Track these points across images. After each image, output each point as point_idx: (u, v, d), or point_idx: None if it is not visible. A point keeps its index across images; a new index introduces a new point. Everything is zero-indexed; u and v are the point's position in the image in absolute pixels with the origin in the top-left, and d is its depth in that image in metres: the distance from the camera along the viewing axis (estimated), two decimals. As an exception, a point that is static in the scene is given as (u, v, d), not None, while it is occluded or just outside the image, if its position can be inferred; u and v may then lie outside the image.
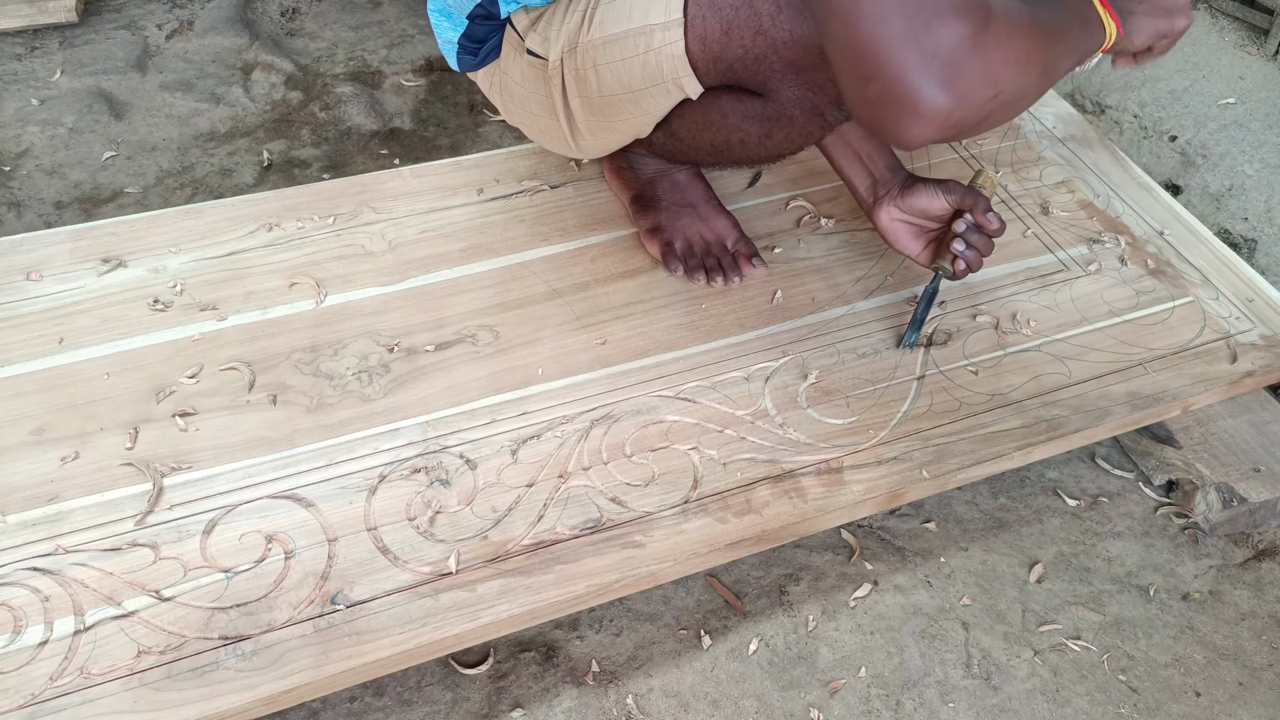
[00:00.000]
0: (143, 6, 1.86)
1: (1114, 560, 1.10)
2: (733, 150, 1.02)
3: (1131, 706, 0.98)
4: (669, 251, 1.16)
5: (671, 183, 1.20)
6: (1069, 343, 1.12)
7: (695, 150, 1.05)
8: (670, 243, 1.17)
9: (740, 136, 0.99)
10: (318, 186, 1.27)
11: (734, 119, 0.98)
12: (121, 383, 1.02)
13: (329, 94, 1.72)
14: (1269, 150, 1.62)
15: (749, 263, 1.16)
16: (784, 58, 0.89)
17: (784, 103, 0.93)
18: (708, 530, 0.93)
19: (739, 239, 1.18)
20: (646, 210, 1.19)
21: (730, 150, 1.02)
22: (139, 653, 0.82)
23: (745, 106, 0.96)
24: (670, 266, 1.15)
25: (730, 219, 1.20)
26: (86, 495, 0.93)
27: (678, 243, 1.17)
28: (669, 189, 1.19)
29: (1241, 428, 1.14)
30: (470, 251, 1.19)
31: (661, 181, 1.20)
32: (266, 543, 0.90)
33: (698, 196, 1.20)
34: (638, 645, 1.00)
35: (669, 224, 1.18)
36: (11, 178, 1.53)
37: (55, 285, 1.12)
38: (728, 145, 1.02)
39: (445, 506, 0.94)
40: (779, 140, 0.98)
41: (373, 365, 1.06)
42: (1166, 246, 1.25)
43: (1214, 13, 1.87)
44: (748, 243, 1.18)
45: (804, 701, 0.96)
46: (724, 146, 1.02)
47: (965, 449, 1.01)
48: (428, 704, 0.95)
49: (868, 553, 1.09)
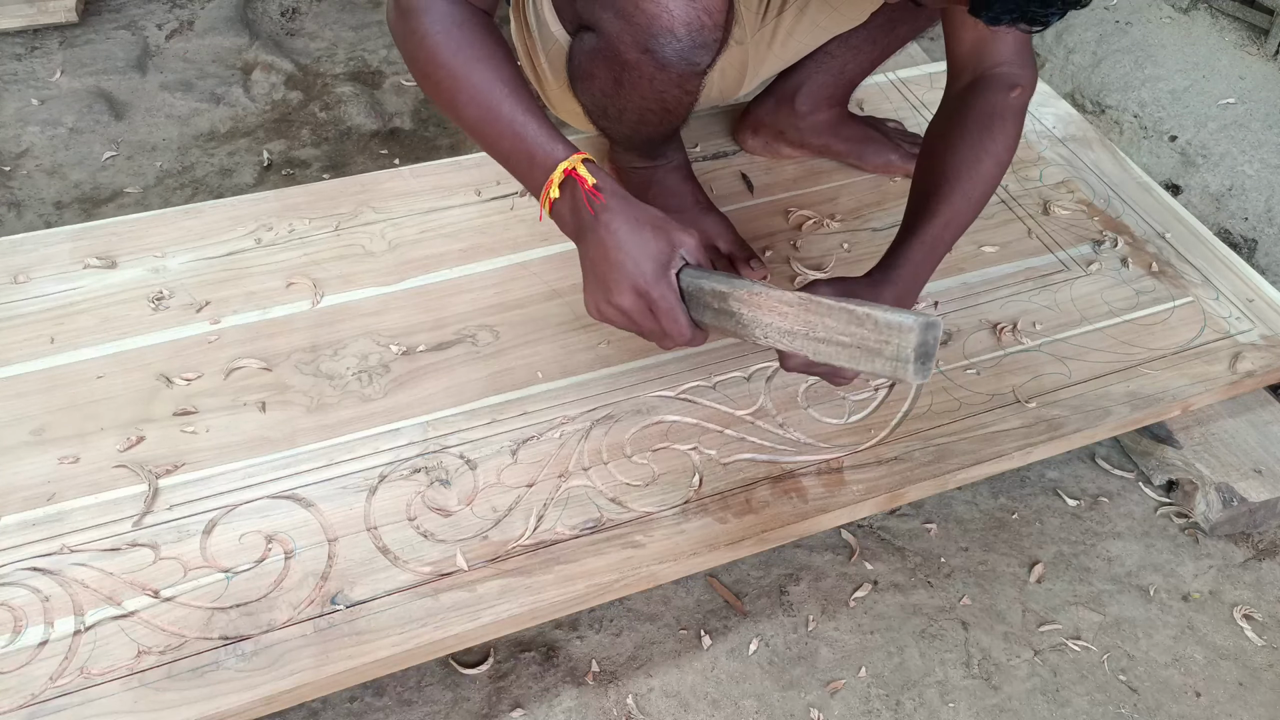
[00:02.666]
0: (143, 6, 1.86)
1: (1114, 560, 1.10)
2: (609, 112, 0.98)
3: (1131, 706, 0.98)
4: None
5: (661, 187, 1.19)
6: (1069, 343, 1.12)
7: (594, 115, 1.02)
8: None
9: (601, 88, 0.95)
10: (318, 186, 1.27)
11: (587, 64, 0.94)
12: (121, 383, 1.02)
13: (329, 94, 1.72)
14: (1269, 150, 1.62)
15: (747, 266, 1.15)
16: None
17: (608, 37, 0.89)
18: (708, 530, 0.93)
19: (733, 241, 1.17)
20: None
21: (609, 112, 0.98)
22: (139, 653, 0.82)
23: (592, 48, 0.92)
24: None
25: (722, 221, 1.19)
26: (86, 495, 0.93)
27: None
28: (659, 194, 1.18)
29: (1241, 428, 1.14)
30: (470, 251, 1.19)
31: (651, 186, 1.19)
32: (266, 543, 0.90)
33: (687, 200, 1.19)
34: (638, 645, 1.00)
35: None
36: (11, 178, 1.53)
37: (55, 285, 1.12)
38: (601, 105, 0.98)
39: (445, 506, 0.94)
40: (631, 92, 0.93)
41: (373, 365, 1.06)
42: (1166, 246, 1.25)
43: (1214, 13, 1.87)
44: (743, 245, 1.17)
45: (804, 701, 0.96)
46: (601, 107, 0.98)
47: (965, 449, 1.01)
48: (428, 704, 0.95)
49: (868, 553, 1.09)
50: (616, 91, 0.94)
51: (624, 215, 0.82)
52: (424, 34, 0.84)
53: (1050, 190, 1.33)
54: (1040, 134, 1.42)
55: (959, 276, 1.20)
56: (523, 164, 0.85)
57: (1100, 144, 1.41)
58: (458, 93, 0.85)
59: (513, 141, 0.84)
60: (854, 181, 1.32)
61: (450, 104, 0.86)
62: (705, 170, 1.32)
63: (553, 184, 0.83)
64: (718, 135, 1.38)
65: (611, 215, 0.82)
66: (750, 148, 1.35)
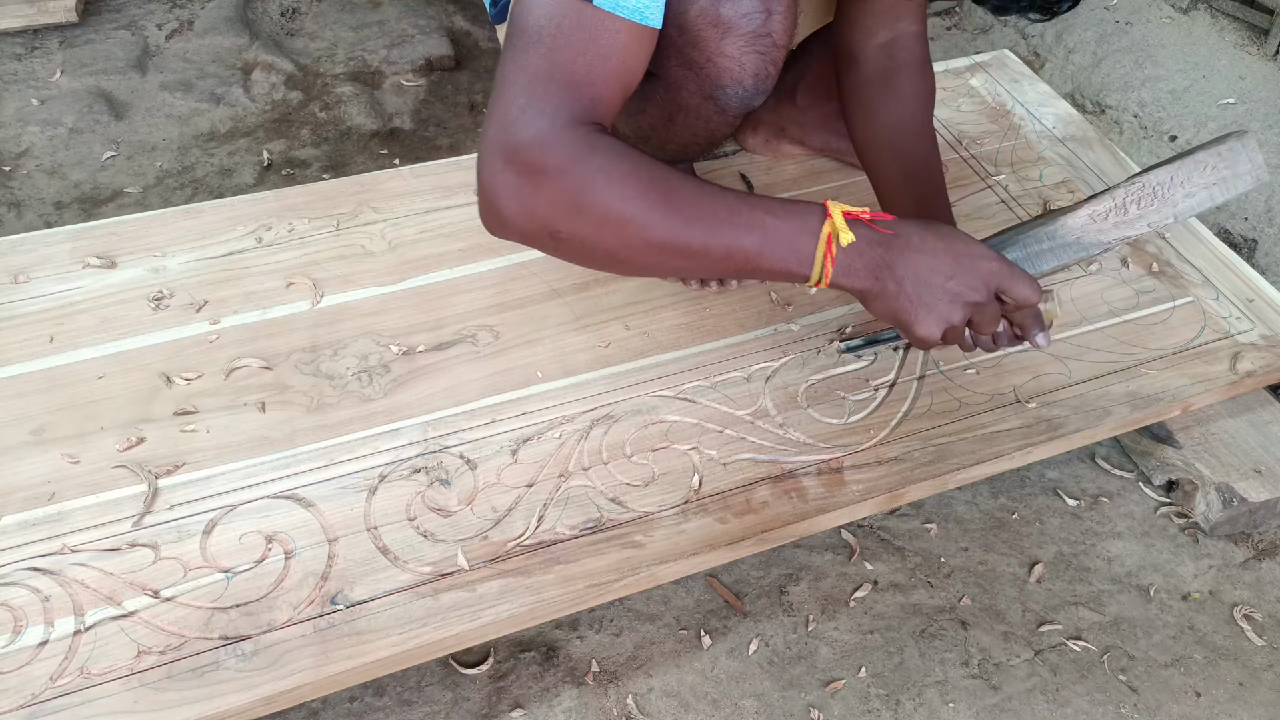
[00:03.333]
0: (143, 6, 1.86)
1: (1114, 560, 1.10)
2: (653, 140, 1.01)
3: (1131, 706, 0.98)
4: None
5: None
6: (1069, 343, 1.12)
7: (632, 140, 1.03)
8: None
9: (651, 123, 0.98)
10: (317, 186, 1.27)
11: (638, 100, 0.95)
12: (121, 383, 1.02)
13: (329, 94, 1.72)
14: (1269, 150, 1.62)
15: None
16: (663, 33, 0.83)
17: (671, 84, 0.91)
18: (708, 530, 0.93)
19: None
20: None
21: (651, 140, 1.01)
22: (139, 653, 0.82)
23: (644, 89, 0.93)
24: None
25: None
26: (86, 495, 0.93)
27: None
28: None
29: (1241, 428, 1.14)
30: (470, 251, 1.19)
31: None
32: (266, 543, 0.90)
33: None
34: (638, 645, 1.00)
35: None
36: (11, 178, 1.53)
37: (55, 285, 1.12)
38: (645, 134, 1.00)
39: (445, 506, 0.94)
40: (682, 128, 0.96)
41: (373, 365, 1.06)
42: (1166, 246, 1.25)
43: (1214, 13, 1.87)
44: None
45: (804, 701, 0.96)
46: (645, 135, 1.01)
47: (965, 449, 1.01)
48: (428, 704, 0.95)
49: (868, 553, 1.09)
50: (667, 127, 0.97)
51: (915, 222, 0.82)
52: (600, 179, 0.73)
53: (1050, 190, 1.33)
54: (1040, 134, 1.42)
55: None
56: (783, 243, 0.78)
57: (1100, 144, 1.41)
58: (672, 215, 0.75)
59: (762, 226, 0.77)
60: (854, 181, 1.32)
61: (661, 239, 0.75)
62: (705, 170, 1.32)
63: (838, 231, 0.77)
64: (718, 135, 1.38)
65: (909, 227, 0.81)
66: (751, 146, 1.35)
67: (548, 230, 0.74)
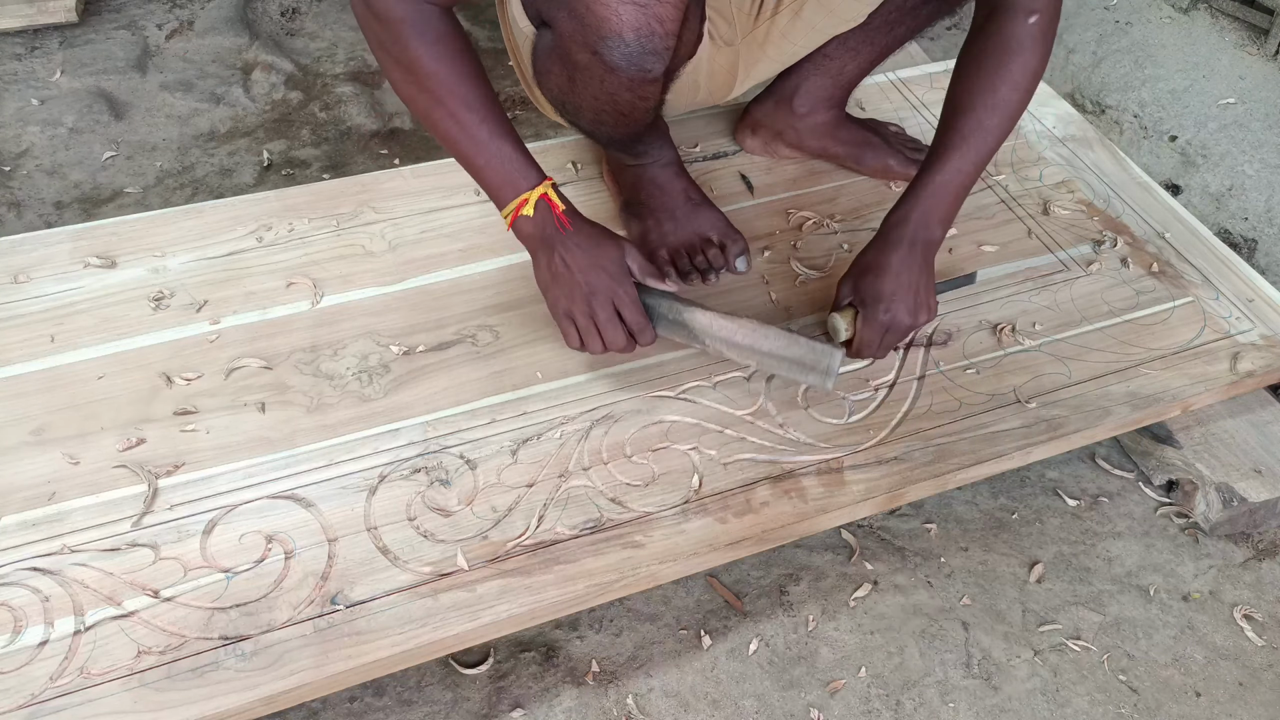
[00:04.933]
0: (143, 6, 1.86)
1: (1114, 560, 1.10)
2: (568, 107, 0.99)
3: (1131, 707, 0.98)
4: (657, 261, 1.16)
5: (653, 185, 1.19)
6: (1069, 343, 1.12)
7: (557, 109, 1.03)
8: (655, 252, 1.16)
9: (558, 84, 0.96)
10: (318, 186, 1.27)
11: (545, 60, 0.95)
12: (121, 383, 1.02)
13: (329, 94, 1.72)
14: (1269, 150, 1.62)
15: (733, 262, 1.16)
16: None
17: (562, 36, 0.89)
18: (708, 530, 0.93)
19: (724, 231, 1.17)
20: (633, 218, 1.19)
21: (567, 108, 0.99)
22: (139, 653, 0.82)
23: (549, 45, 0.93)
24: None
25: (714, 213, 1.19)
26: (86, 495, 0.93)
27: (663, 251, 1.16)
28: (652, 192, 1.18)
29: (1241, 428, 1.14)
30: (470, 252, 1.19)
31: (644, 185, 1.19)
32: (266, 543, 0.90)
33: (679, 196, 1.19)
34: (638, 645, 1.00)
35: (654, 231, 1.17)
36: (11, 178, 1.53)
37: (55, 285, 1.12)
38: (560, 101, 0.99)
39: (445, 506, 0.94)
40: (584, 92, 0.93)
41: (373, 365, 1.06)
42: (1166, 246, 1.25)
43: (1214, 13, 1.87)
44: (735, 236, 1.18)
45: (804, 701, 0.96)
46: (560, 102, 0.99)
47: (965, 449, 1.01)
48: (428, 704, 0.95)
49: (868, 553, 1.09)
50: (571, 89, 0.94)
51: (589, 232, 0.97)
52: (404, 44, 0.88)
53: (1050, 190, 1.33)
54: (1040, 134, 1.42)
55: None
56: (494, 180, 0.95)
57: (1100, 144, 1.41)
58: (435, 107, 0.91)
59: (487, 160, 0.93)
60: (854, 182, 1.32)
61: (425, 115, 0.93)
62: (705, 170, 1.32)
63: (527, 203, 0.94)
64: (718, 135, 1.38)
65: (579, 233, 0.97)
66: (749, 148, 1.35)
67: (373, 44, 0.92)
